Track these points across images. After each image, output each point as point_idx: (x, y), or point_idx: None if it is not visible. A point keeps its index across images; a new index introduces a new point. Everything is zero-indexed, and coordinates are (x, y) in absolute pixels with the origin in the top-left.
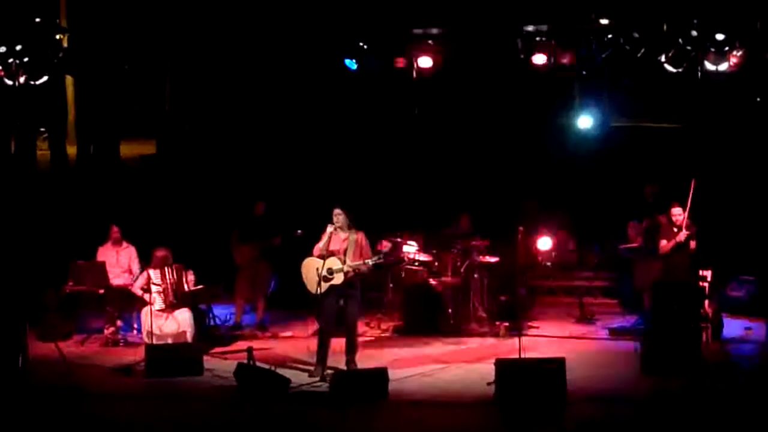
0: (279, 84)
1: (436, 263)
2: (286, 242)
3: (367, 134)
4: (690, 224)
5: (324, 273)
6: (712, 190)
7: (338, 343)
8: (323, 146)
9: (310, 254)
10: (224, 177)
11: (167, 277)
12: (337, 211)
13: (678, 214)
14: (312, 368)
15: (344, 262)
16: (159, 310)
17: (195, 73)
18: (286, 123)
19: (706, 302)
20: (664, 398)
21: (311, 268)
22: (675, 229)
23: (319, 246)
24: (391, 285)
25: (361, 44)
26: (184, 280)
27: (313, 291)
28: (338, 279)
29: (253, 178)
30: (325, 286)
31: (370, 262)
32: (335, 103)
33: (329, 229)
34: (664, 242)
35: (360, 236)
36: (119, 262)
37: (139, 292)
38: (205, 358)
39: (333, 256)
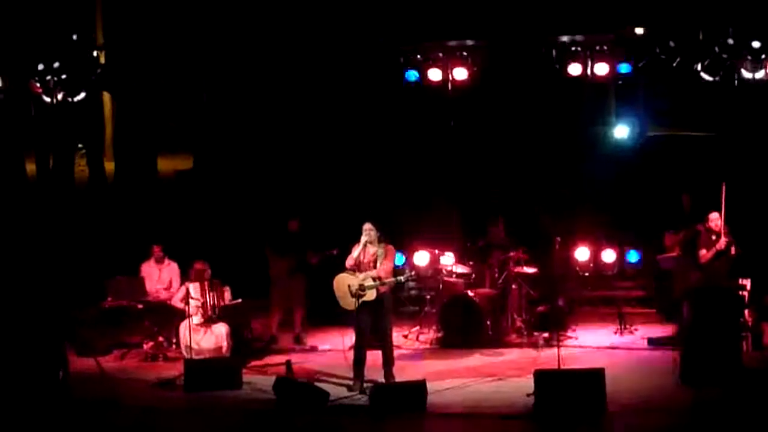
0: (316, 100)
1: (474, 275)
2: (322, 261)
3: (403, 147)
4: (727, 231)
5: (356, 289)
6: (750, 199)
7: (376, 357)
8: (358, 160)
9: (344, 269)
10: (261, 191)
11: (206, 291)
12: (368, 226)
13: (716, 219)
14: (350, 383)
15: (375, 278)
16: (197, 325)
17: (232, 87)
18: (322, 138)
19: (746, 311)
20: (704, 408)
21: (343, 285)
22: (713, 237)
23: (353, 256)
24: (429, 297)
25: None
26: (221, 295)
27: (346, 307)
28: (370, 295)
29: (289, 193)
30: (356, 303)
31: (401, 278)
32: (371, 117)
33: (363, 239)
34: (703, 251)
35: (389, 250)
36: (161, 278)
37: (180, 305)
38: (243, 371)
39: (364, 272)
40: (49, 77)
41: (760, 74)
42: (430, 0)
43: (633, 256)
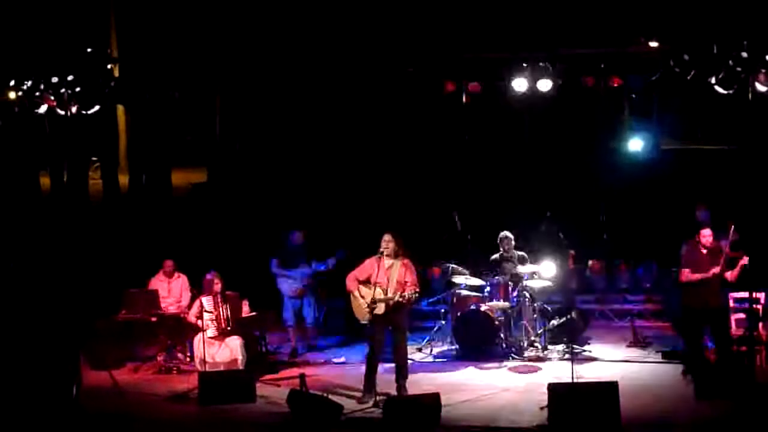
0: (328, 111)
1: (488, 288)
2: (343, 265)
3: (418, 159)
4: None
5: (368, 303)
6: (764, 212)
7: (390, 369)
8: (373, 174)
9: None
10: (275, 204)
11: (219, 304)
12: (387, 237)
13: (707, 236)
14: (360, 395)
15: (386, 293)
16: (211, 338)
17: (245, 100)
18: (336, 149)
19: (761, 325)
20: (717, 423)
21: (358, 297)
22: (704, 251)
23: (353, 274)
24: (443, 310)
25: (410, 69)
26: (239, 308)
27: (360, 319)
28: (380, 309)
29: (302, 205)
30: (369, 315)
31: (406, 295)
32: (386, 128)
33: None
34: (686, 272)
35: (405, 264)
36: (171, 292)
37: (194, 320)
38: (257, 385)
39: (375, 286)
40: (63, 90)
41: None
42: (446, 14)
43: (647, 270)
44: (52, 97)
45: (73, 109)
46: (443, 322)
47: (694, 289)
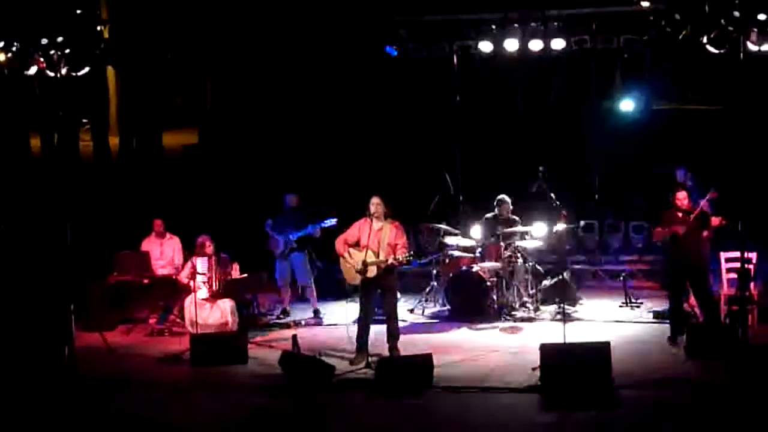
0: (320, 72)
1: (480, 249)
2: (328, 235)
3: (408, 123)
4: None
5: (359, 266)
6: (755, 172)
7: (382, 331)
8: (363, 135)
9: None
10: (266, 166)
11: (212, 266)
12: (375, 200)
13: (682, 198)
14: (353, 356)
15: (378, 255)
16: (203, 300)
17: (236, 62)
18: (327, 112)
19: (752, 284)
20: (709, 383)
21: (348, 259)
22: (680, 214)
23: (342, 237)
24: (435, 271)
25: (401, 31)
26: (229, 270)
27: (350, 282)
28: (371, 272)
29: (293, 168)
30: (360, 278)
31: (399, 257)
32: (375, 92)
33: (373, 219)
34: (658, 229)
35: (395, 226)
36: (163, 253)
37: (186, 281)
38: (249, 346)
39: (366, 249)
40: (52, 52)
41: (766, 47)
42: None
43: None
44: (42, 59)
45: (63, 71)
46: (435, 283)
47: (675, 248)
